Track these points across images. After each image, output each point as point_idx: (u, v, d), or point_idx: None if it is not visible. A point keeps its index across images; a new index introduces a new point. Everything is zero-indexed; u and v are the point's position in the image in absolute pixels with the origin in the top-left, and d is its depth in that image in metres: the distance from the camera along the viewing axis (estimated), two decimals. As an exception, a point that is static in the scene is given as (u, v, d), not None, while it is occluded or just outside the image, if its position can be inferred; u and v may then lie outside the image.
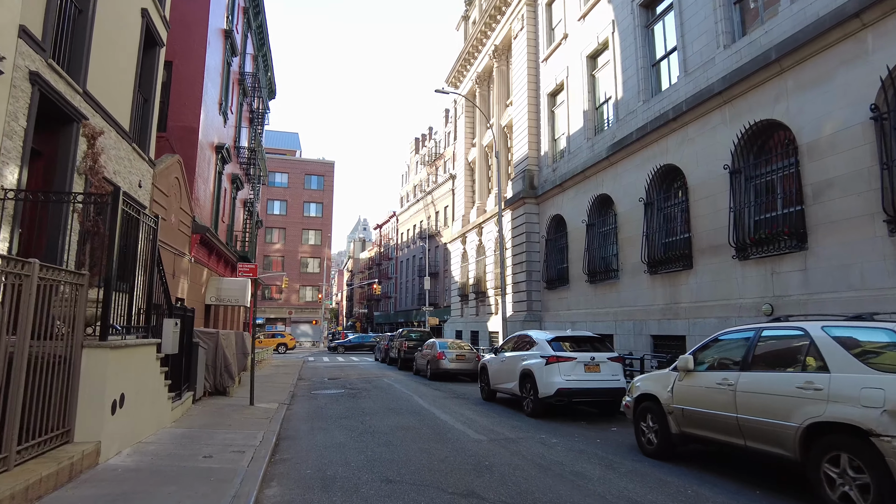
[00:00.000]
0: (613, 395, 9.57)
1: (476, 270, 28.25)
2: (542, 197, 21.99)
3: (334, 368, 24.15)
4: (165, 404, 7.92)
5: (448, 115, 67.74)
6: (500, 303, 24.71)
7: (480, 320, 26.94)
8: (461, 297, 30.75)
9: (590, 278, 18.15)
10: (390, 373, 21.50)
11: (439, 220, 66.30)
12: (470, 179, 32.35)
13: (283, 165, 52.97)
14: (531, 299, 21.88)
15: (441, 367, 17.48)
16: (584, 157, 19.07)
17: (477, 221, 28.15)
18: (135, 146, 9.90)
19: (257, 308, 51.83)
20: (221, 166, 18.43)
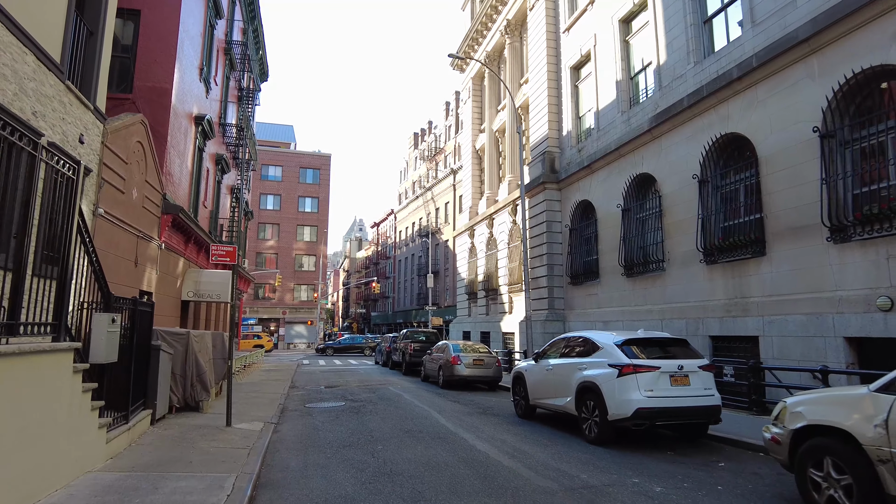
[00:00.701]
0: (708, 415, 7.22)
1: (486, 266, 25.87)
2: (566, 181, 19.64)
3: (331, 374, 21.72)
4: (93, 437, 5.50)
5: (448, 108, 65.43)
6: (516, 301, 22.34)
7: (491, 320, 24.56)
8: (469, 295, 28.36)
9: (627, 271, 15.81)
10: (395, 379, 19.08)
11: (440, 216, 63.93)
12: (478, 168, 29.99)
13: (277, 158, 50.44)
14: (552, 296, 19.51)
15: (456, 374, 15.09)
16: (617, 132, 16.72)
17: (487, 212, 25.78)
18: (72, 87, 7.46)
19: (251, 308, 49.20)
20: (202, 141, 15.98)
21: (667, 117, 14.24)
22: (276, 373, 20.62)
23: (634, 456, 6.78)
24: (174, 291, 13.93)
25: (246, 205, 25.05)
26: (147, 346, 8.16)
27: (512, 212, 22.74)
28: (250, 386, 15.21)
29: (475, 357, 15.33)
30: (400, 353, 21.98)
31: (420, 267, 68.34)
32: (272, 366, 24.78)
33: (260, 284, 49.09)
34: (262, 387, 15.09)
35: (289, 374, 20.29)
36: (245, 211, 25.97)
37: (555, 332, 19.04)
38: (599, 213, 17.56)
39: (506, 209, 23.60)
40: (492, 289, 25.18)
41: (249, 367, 21.51)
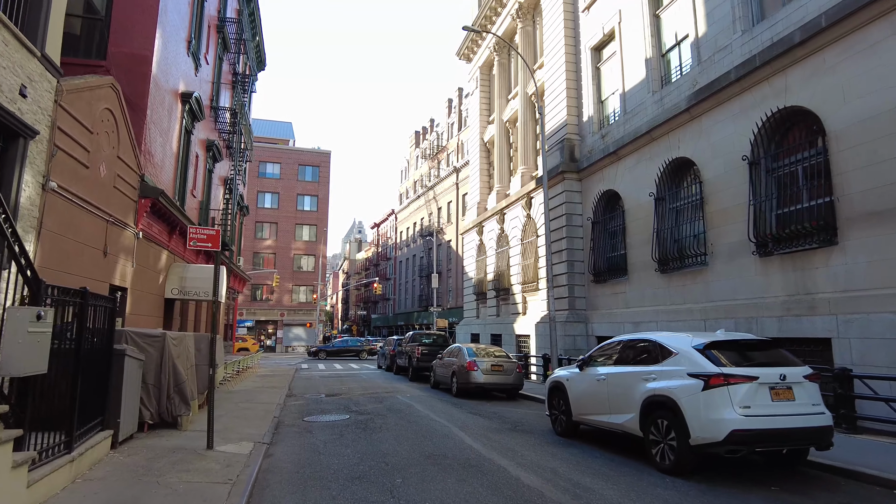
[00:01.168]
0: (819, 437, 5.64)
1: (497, 264, 24.30)
2: (587, 171, 18.09)
3: (332, 379, 20.12)
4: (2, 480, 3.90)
5: (451, 105, 63.98)
6: (531, 301, 20.78)
7: (503, 322, 22.98)
8: (477, 295, 26.78)
9: (661, 267, 14.26)
10: (402, 386, 17.50)
11: (442, 216, 62.40)
12: (486, 162, 28.45)
13: (275, 155, 48.86)
14: (573, 295, 17.95)
15: (472, 381, 13.51)
16: (648, 114, 15.20)
17: (497, 207, 24.23)
18: (5, 20, 5.90)
19: (248, 310, 47.59)
20: (190, 122, 14.42)
21: (709, 94, 12.71)
22: (273, 378, 19.02)
23: (732, 494, 5.20)
24: (155, 288, 12.35)
25: (241, 198, 23.48)
26: (107, 351, 6.59)
27: (526, 205, 21.20)
28: (243, 395, 13.62)
29: (493, 362, 13.75)
30: (406, 358, 20.38)
31: (422, 268, 66.75)
32: (268, 371, 23.18)
33: (258, 286, 47.51)
34: (255, 395, 13.49)
35: (286, 379, 18.69)
36: (240, 205, 24.40)
37: (576, 334, 17.49)
38: (627, 204, 16.02)
39: (518, 203, 22.05)
40: (503, 288, 23.61)
41: (243, 373, 19.92)
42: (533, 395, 13.75)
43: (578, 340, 17.43)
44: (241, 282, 25.44)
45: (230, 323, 23.65)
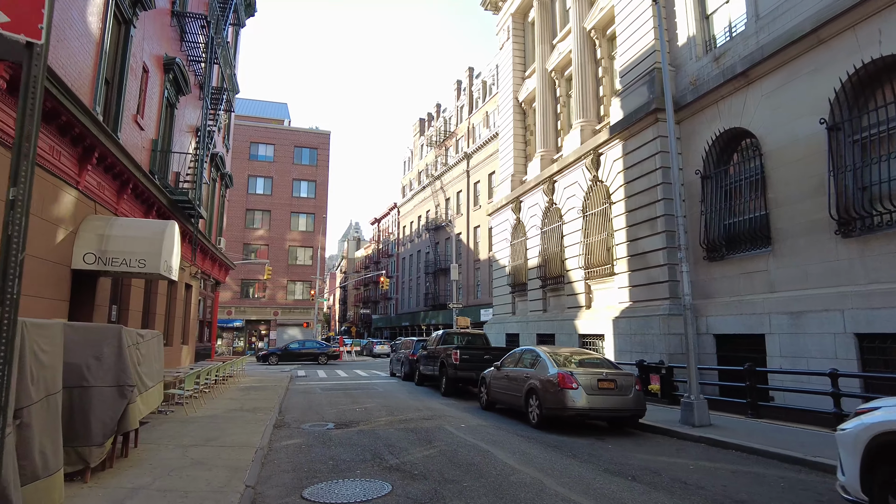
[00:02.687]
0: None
1: (543, 246, 19.39)
2: (691, 108, 13.23)
3: (339, 393, 15.16)
4: None
5: (460, 87, 59.14)
6: (600, 290, 15.86)
7: (555, 318, 18.04)
8: (513, 287, 21.87)
9: (843, 228, 9.38)
10: (439, 405, 12.57)
11: (450, 207, 57.46)
12: (521, 126, 23.56)
13: (268, 135, 43.78)
14: (672, 279, 13.05)
15: (569, 406, 8.56)
16: (808, 7, 10.32)
17: (543, 175, 19.33)
18: None
19: (237, 308, 42.42)
20: (130, 13, 9.44)
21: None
22: (258, 392, 14.03)
23: None
24: (51, 251, 7.34)
25: (221, 161, 18.48)
26: None
27: (591, 165, 16.29)
28: (203, 427, 8.64)
29: (599, 375, 8.80)
30: (435, 364, 15.42)
31: (427, 264, 61.76)
32: (255, 380, 18.15)
33: (248, 281, 42.43)
34: (223, 429, 8.50)
35: (276, 394, 13.71)
36: (220, 170, 19.39)
37: (682, 332, 12.59)
38: (768, 144, 11.13)
39: (578, 165, 17.15)
40: (552, 276, 18.71)
41: (223, 384, 14.93)
42: (667, 428, 8.81)
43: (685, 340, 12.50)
44: (223, 269, 20.39)
45: (206, 320, 18.61)
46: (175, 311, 13.75)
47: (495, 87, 49.81)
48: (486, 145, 49.21)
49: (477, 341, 16.30)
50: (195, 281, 16.00)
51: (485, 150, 49.49)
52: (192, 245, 12.67)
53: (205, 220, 17.53)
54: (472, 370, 13.76)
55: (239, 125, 43.61)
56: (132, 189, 9.44)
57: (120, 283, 10.05)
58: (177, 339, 14.01)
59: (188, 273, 14.13)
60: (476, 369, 13.78)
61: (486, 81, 52.08)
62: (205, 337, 18.59)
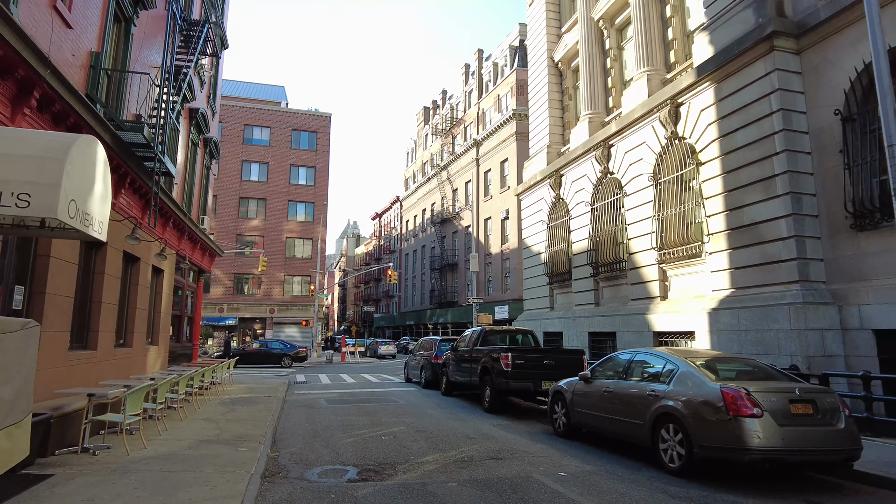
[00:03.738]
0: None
1: (596, 226, 16.05)
2: (827, 27, 9.88)
3: (351, 408, 11.82)
4: None
5: (468, 70, 55.71)
6: (678, 276, 12.53)
7: (614, 312, 14.68)
8: (551, 277, 18.54)
9: None
10: (492, 428, 9.28)
11: (458, 199, 54.09)
12: (557, 90, 20.21)
13: (264, 117, 40.26)
14: (801, 255, 9.72)
15: (751, 445, 5.21)
16: None
17: (595, 140, 15.98)
18: None
19: (229, 305, 38.92)
20: None
21: None
22: (246, 408, 10.66)
23: None
24: None
25: (202, 119, 15.04)
26: None
27: (667, 119, 12.94)
28: (149, 476, 5.33)
29: (789, 395, 5.45)
30: (473, 371, 12.05)
31: (433, 259, 58.34)
32: (244, 389, 14.78)
33: (242, 277, 38.98)
34: (178, 482, 5.17)
35: (269, 410, 10.34)
36: (204, 136, 15.98)
37: (823, 327, 9.29)
38: (974, 59, 7.78)
39: (648, 120, 13.82)
40: (607, 262, 15.37)
41: (201, 395, 11.57)
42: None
43: (828, 338, 9.19)
44: (208, 255, 16.99)
45: (186, 315, 15.18)
46: (135, 300, 10.35)
47: (507, 69, 46.53)
48: (497, 130, 45.87)
49: (525, 341, 12.94)
50: (167, 264, 12.59)
51: (496, 135, 46.14)
52: (152, 208, 9.27)
53: (181, 192, 14.16)
54: (529, 380, 10.40)
55: (231, 106, 40.16)
56: (42, 101, 6.05)
57: (31, 249, 6.66)
58: (139, 338, 10.62)
59: (153, 250, 10.73)
60: (533, 378, 10.43)
61: (497, 63, 48.70)
62: (184, 336, 15.18)
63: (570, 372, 10.59)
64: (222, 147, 39.20)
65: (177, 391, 9.19)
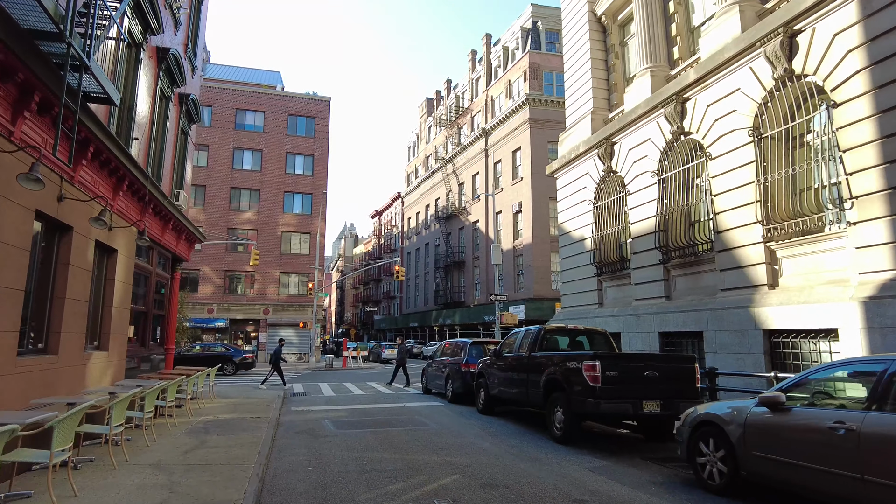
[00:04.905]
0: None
1: (667, 201, 12.99)
2: None
3: (368, 436, 8.78)
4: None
5: (475, 57, 52.66)
6: (801, 256, 9.48)
7: (697, 306, 11.61)
8: (599, 267, 15.51)
9: None
10: (601, 480, 6.31)
11: (465, 193, 50.99)
12: (601, 48, 17.21)
13: (257, 101, 37.05)
14: None
15: None
16: None
17: (662, 97, 12.94)
18: None
19: (219, 305, 35.57)
20: None
21: None
22: (223, 437, 7.56)
23: None
24: None
25: (175, 64, 11.89)
26: None
27: (779, 54, 9.89)
28: None
29: None
30: (533, 385, 8.96)
31: (438, 258, 55.17)
32: (227, 405, 11.67)
33: (234, 274, 35.78)
34: None
35: (255, 443, 7.25)
36: (178, 88, 12.85)
37: None
38: None
39: (744, 61, 10.78)
40: (681, 245, 12.33)
41: (169, 416, 8.47)
42: None
43: None
44: (185, 238, 13.87)
45: (153, 312, 11.97)
46: (63, 286, 7.24)
47: (519, 52, 43.55)
48: (509, 118, 42.81)
49: (599, 345, 9.85)
50: (122, 242, 9.48)
51: (508, 123, 43.07)
52: (74, 146, 6.14)
53: (146, 151, 11.02)
54: (627, 399, 7.33)
55: (222, 88, 37.02)
56: None
57: None
58: (71, 341, 7.51)
59: (91, 214, 7.59)
60: (632, 397, 7.36)
61: (507, 47, 45.67)
62: (149, 338, 12.01)
63: (679, 387, 7.55)
64: (211, 133, 36.08)
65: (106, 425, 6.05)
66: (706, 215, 11.97)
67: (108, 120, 8.65)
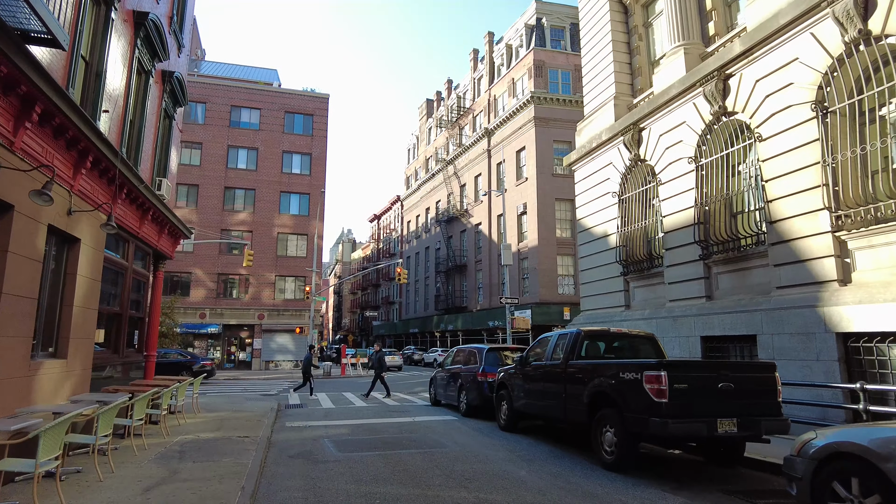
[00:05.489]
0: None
1: (706, 190, 11.63)
2: None
3: (377, 461, 7.37)
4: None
5: (477, 56, 51.48)
6: (879, 247, 8.07)
7: (749, 306, 10.23)
8: (626, 266, 14.13)
9: None
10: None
11: (467, 194, 49.64)
12: (622, 29, 15.92)
13: (253, 97, 35.69)
14: None
15: None
16: None
17: (698, 75, 11.61)
18: None
19: (211, 310, 33.83)
20: None
21: None
22: (199, 468, 6.13)
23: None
24: None
25: (156, 36, 10.52)
26: None
27: (853, 11, 8.56)
28: None
29: None
30: (573, 399, 7.57)
31: (439, 262, 53.72)
32: (210, 421, 10.24)
33: (228, 277, 34.30)
34: None
35: (239, 473, 5.82)
36: (164, 70, 11.49)
37: None
38: None
39: (807, 23, 9.46)
40: (723, 239, 10.98)
41: (144, 435, 7.04)
42: None
43: None
44: (168, 232, 12.47)
45: (125, 314, 10.48)
46: (0, 280, 5.81)
47: (523, 49, 42.38)
48: (513, 117, 41.54)
49: (648, 352, 8.44)
50: (85, 230, 8.07)
51: (511, 123, 41.79)
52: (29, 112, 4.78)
53: (119, 128, 9.63)
54: (701, 418, 5.93)
55: (217, 85, 35.68)
56: None
57: None
58: (10, 347, 6.06)
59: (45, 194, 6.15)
60: (706, 415, 5.97)
61: (510, 45, 44.49)
62: (124, 344, 10.54)
63: (758, 401, 6.16)
64: (205, 131, 34.69)
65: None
66: (754, 204, 10.63)
67: (67, 81, 7.26)
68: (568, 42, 41.25)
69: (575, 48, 41.36)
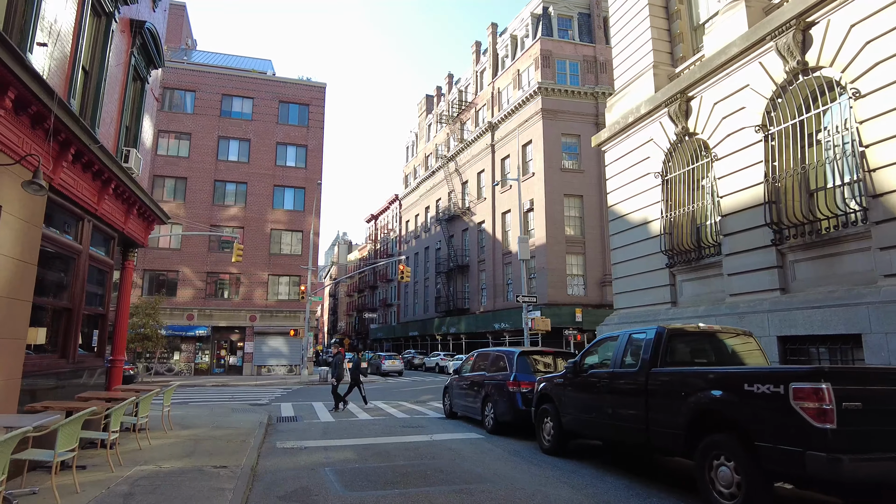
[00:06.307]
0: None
1: (777, 164, 9.78)
2: None
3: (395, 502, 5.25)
4: None
5: (479, 48, 49.68)
6: None
7: (840, 301, 8.37)
8: (672, 256, 12.27)
9: None
10: None
11: (469, 192, 47.75)
12: (661, -8, 14.07)
13: (246, 86, 33.70)
14: None
15: None
16: None
17: (772, 25, 9.78)
18: None
19: (200, 311, 30.91)
20: None
21: None
22: None
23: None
24: None
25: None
26: None
27: None
28: None
29: None
30: (664, 422, 5.68)
31: (440, 262, 51.73)
32: (186, 441, 8.30)
33: (217, 276, 32.25)
34: None
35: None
36: (133, 19, 9.55)
37: None
38: None
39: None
40: (800, 221, 9.15)
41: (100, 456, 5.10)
42: None
43: None
44: (138, 214, 10.53)
45: (77, 311, 8.50)
46: None
47: (529, 39, 40.63)
48: (518, 110, 39.70)
49: (748, 355, 6.55)
50: (11, 194, 6.14)
51: (517, 116, 39.97)
52: None
53: (67, 76, 7.69)
54: (887, 452, 4.01)
55: (207, 73, 33.73)
56: None
57: None
58: None
59: None
60: (893, 448, 4.03)
61: (515, 35, 42.72)
62: (75, 347, 8.56)
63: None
64: (194, 121, 32.69)
65: None
66: (843, 177, 8.80)
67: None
68: (576, 32, 39.53)
69: (584, 38, 39.65)
